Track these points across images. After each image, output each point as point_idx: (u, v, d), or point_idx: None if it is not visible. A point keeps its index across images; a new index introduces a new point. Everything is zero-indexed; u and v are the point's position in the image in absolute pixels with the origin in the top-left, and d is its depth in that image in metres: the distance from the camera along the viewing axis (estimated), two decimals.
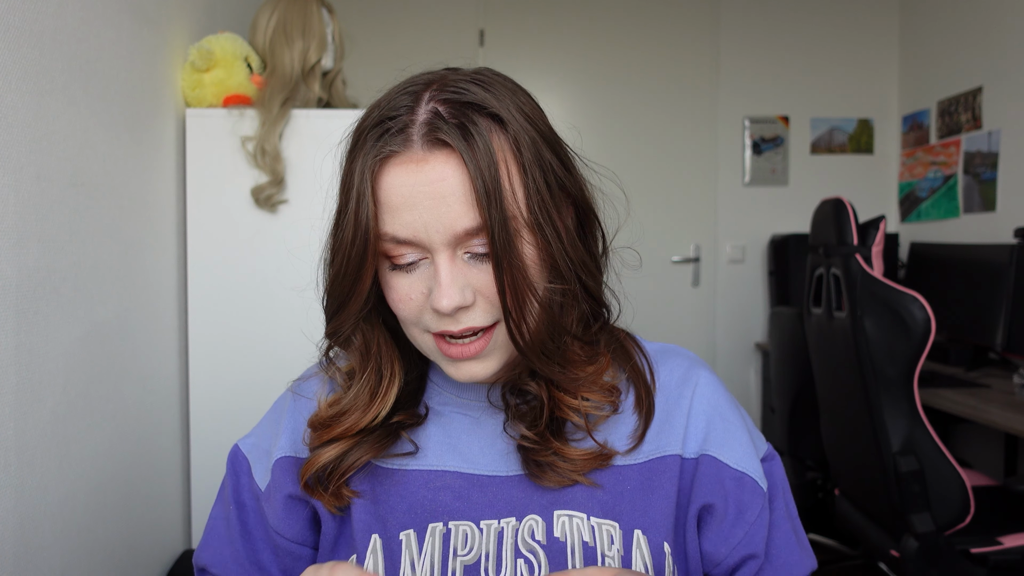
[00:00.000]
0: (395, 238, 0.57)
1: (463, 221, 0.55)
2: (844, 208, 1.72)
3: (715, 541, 0.65)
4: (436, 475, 0.65)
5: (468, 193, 0.55)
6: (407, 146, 0.56)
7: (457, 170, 0.55)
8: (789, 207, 3.36)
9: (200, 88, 1.46)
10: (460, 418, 0.68)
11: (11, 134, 0.88)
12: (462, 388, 0.68)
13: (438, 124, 0.56)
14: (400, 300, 0.59)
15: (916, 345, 1.61)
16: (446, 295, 0.56)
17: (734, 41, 3.38)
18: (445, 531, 0.62)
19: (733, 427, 0.67)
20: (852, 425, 1.80)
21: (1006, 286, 2.12)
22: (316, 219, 0.76)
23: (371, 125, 0.58)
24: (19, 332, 0.90)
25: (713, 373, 0.70)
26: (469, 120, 0.55)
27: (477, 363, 0.60)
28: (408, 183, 0.56)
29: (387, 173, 0.56)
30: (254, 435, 0.72)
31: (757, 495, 0.65)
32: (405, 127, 0.56)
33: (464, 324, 0.58)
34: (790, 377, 2.52)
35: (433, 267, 0.57)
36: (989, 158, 2.66)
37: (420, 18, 3.31)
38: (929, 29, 3.12)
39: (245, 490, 0.69)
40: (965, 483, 1.63)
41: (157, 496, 1.36)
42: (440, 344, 0.59)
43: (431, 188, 0.55)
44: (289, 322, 1.49)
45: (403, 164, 0.56)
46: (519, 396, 0.66)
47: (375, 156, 0.56)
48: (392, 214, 0.56)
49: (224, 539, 0.69)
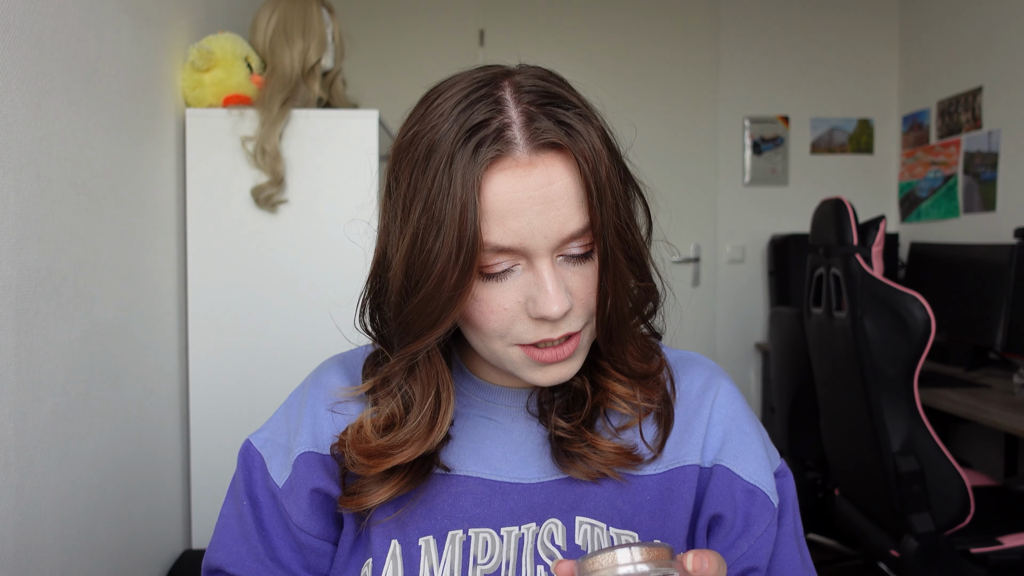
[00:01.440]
0: (497, 247, 0.53)
1: (571, 224, 0.54)
2: (844, 208, 1.72)
3: (720, 551, 0.64)
4: (458, 480, 0.64)
5: (576, 194, 0.53)
6: (510, 150, 0.52)
7: (565, 172, 0.53)
8: (789, 207, 3.36)
9: (200, 88, 1.46)
10: (484, 423, 0.66)
11: (11, 134, 0.88)
12: (490, 393, 0.67)
13: (540, 125, 0.53)
14: (492, 312, 0.56)
15: (916, 345, 1.61)
16: (556, 301, 0.53)
17: (734, 41, 3.38)
18: (465, 539, 0.61)
19: (749, 439, 0.66)
20: (852, 425, 1.80)
21: (1006, 286, 2.12)
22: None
23: (451, 122, 0.53)
24: (19, 332, 0.90)
25: (733, 384, 0.70)
26: (567, 118, 0.54)
27: (564, 365, 0.59)
28: (516, 188, 0.52)
29: (491, 180, 0.52)
30: (267, 429, 0.70)
31: (767, 510, 0.64)
32: (502, 131, 0.53)
33: (563, 330, 0.56)
34: (790, 377, 2.52)
35: (531, 274, 0.55)
36: (989, 158, 2.66)
37: (420, 18, 3.31)
38: (929, 29, 3.11)
39: (259, 485, 0.67)
40: (965, 483, 1.63)
41: (157, 496, 1.36)
42: (531, 353, 0.57)
43: (540, 192, 0.52)
44: (289, 322, 1.49)
45: (509, 170, 0.53)
46: (558, 391, 0.65)
47: (477, 163, 0.52)
48: (496, 222, 0.53)
49: (239, 537, 0.66)
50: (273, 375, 1.49)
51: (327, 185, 1.48)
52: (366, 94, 2.51)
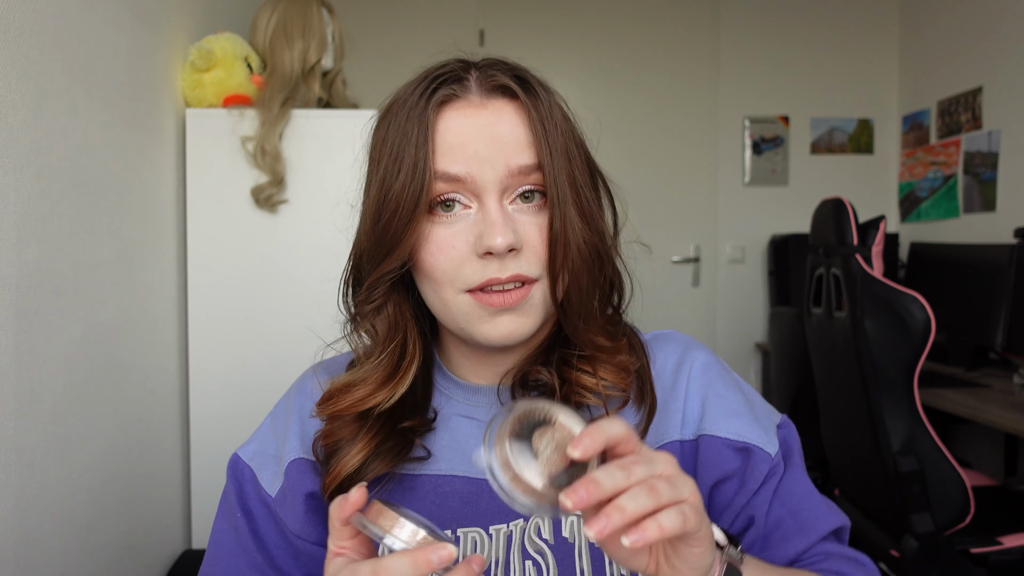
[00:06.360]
0: (447, 174, 0.57)
1: (519, 158, 0.57)
2: (844, 208, 1.72)
3: (721, 513, 0.64)
4: (445, 480, 0.64)
5: (526, 137, 0.58)
6: (464, 92, 0.59)
7: (515, 114, 0.58)
8: (789, 207, 3.36)
9: (200, 88, 1.46)
10: (467, 423, 0.66)
11: (11, 134, 0.88)
12: (470, 391, 0.68)
13: (495, 74, 0.59)
14: (441, 250, 0.58)
15: (916, 345, 1.61)
16: (500, 232, 0.56)
17: (734, 41, 3.38)
18: (454, 539, 0.62)
19: (727, 401, 0.65)
20: (852, 425, 1.80)
21: (1006, 286, 2.12)
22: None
23: (416, 84, 0.60)
24: (19, 332, 0.90)
25: (707, 352, 0.69)
26: (523, 75, 0.60)
27: (515, 318, 0.59)
28: (466, 124, 0.58)
29: (443, 117, 0.58)
30: (254, 442, 0.70)
31: (762, 461, 0.63)
32: (461, 78, 0.59)
33: (512, 271, 0.57)
34: (790, 377, 2.52)
35: (480, 214, 0.58)
36: (989, 158, 2.66)
37: (420, 18, 3.31)
38: (929, 29, 3.11)
39: (252, 498, 0.67)
40: (965, 483, 1.63)
41: (157, 496, 1.36)
42: (479, 298, 0.58)
43: (490, 129, 0.57)
44: (289, 322, 1.49)
45: (461, 109, 0.58)
46: (529, 388, 0.65)
47: (433, 102, 0.58)
48: (447, 153, 0.57)
49: (236, 550, 0.66)
50: (273, 375, 1.48)
51: (327, 185, 1.48)
52: (366, 94, 2.51)
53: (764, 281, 3.39)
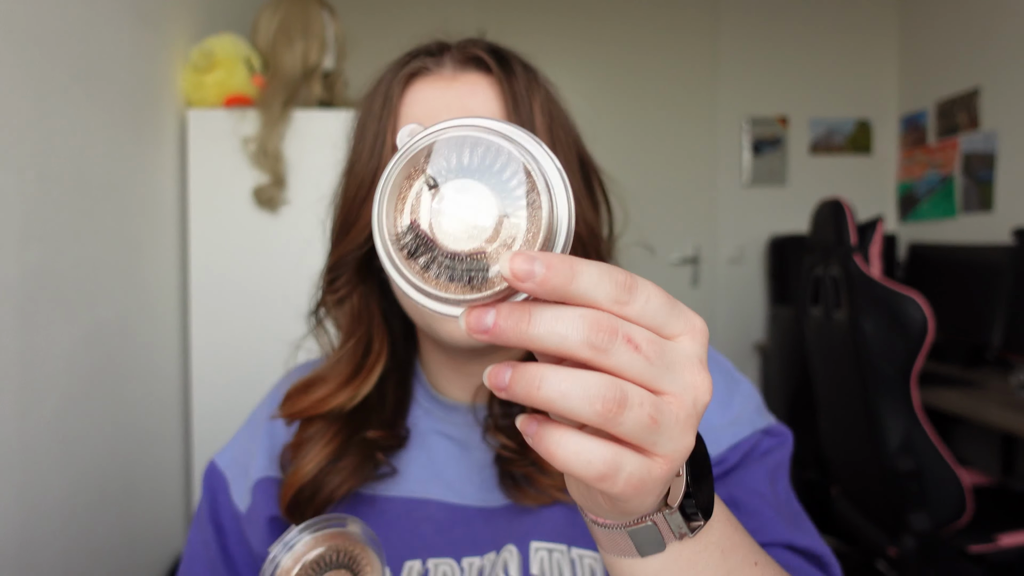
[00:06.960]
0: None
1: None
2: (842, 209, 1.73)
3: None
4: (418, 504, 0.60)
5: (500, 111, 0.54)
6: (437, 66, 0.56)
7: (489, 88, 0.55)
8: (788, 207, 3.37)
9: (202, 89, 1.47)
10: (445, 443, 0.62)
11: (13, 135, 0.89)
12: (448, 409, 0.64)
13: (472, 49, 0.55)
14: None
15: (914, 345, 1.62)
16: None
17: (734, 41, 3.38)
18: (423, 571, 0.57)
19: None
20: (850, 424, 1.80)
21: (1004, 286, 2.13)
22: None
23: (395, 67, 0.57)
24: (21, 332, 0.90)
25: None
26: (505, 54, 0.56)
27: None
28: (434, 96, 0.54)
29: (412, 91, 0.55)
30: (232, 448, 0.67)
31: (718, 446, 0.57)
32: (436, 52, 0.56)
33: None
34: (789, 377, 2.52)
35: None
36: (987, 159, 2.67)
37: (420, 18, 3.31)
38: (928, 30, 3.12)
39: (223, 510, 0.64)
40: (963, 482, 1.64)
41: (157, 496, 1.37)
42: None
43: (459, 101, 0.54)
44: (290, 322, 1.49)
45: (431, 82, 0.55)
46: (505, 407, 0.62)
47: (400, 75, 0.55)
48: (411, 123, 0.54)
49: (205, 566, 0.63)
50: (274, 375, 1.49)
51: (328, 186, 1.49)
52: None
53: (763, 281, 3.40)
